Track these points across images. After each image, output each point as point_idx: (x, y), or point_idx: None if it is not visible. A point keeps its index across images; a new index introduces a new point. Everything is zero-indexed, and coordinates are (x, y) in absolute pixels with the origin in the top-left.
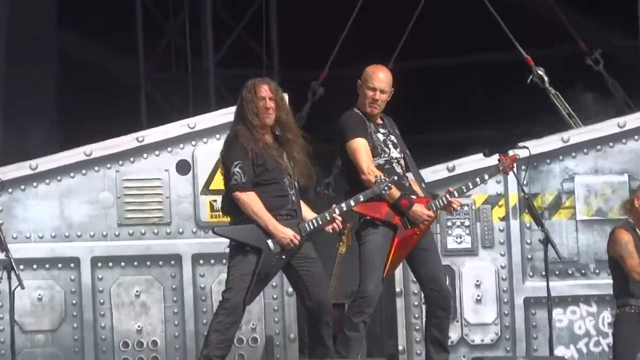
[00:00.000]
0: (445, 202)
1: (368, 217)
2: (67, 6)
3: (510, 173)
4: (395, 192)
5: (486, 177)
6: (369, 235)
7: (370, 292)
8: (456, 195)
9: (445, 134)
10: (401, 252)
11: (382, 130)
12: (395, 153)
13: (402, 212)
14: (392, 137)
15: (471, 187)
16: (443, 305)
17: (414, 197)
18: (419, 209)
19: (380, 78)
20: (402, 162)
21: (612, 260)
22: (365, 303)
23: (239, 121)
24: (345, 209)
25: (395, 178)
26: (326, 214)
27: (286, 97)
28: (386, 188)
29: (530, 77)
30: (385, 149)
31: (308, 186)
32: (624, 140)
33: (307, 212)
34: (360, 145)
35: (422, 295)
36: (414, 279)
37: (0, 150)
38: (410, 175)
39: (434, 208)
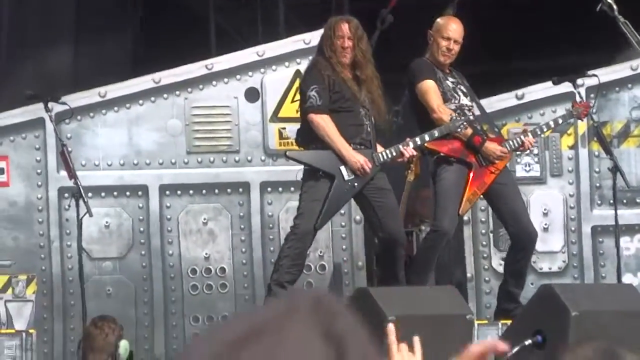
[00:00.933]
0: (520, 143)
1: (442, 154)
2: None
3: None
4: (469, 130)
5: (560, 121)
6: (444, 172)
7: (445, 227)
8: (530, 136)
9: (517, 63)
10: (476, 189)
11: (451, 79)
12: (465, 100)
13: (475, 150)
14: (462, 87)
15: (544, 129)
16: (523, 244)
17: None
18: (492, 146)
19: (454, 28)
20: (473, 110)
21: None
22: (440, 238)
23: (319, 54)
24: (419, 142)
25: (471, 117)
26: (400, 146)
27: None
28: (462, 126)
29: (600, 4)
30: (455, 95)
31: (380, 123)
32: None
33: (379, 148)
34: (430, 86)
35: (490, 223)
36: (482, 207)
37: (73, 76)
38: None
39: (508, 148)
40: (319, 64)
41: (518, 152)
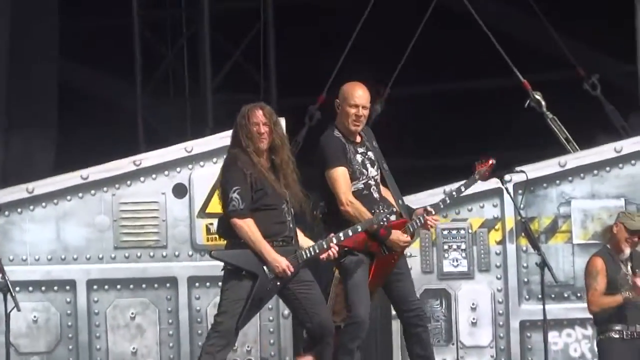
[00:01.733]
0: (423, 221)
1: (345, 249)
2: (68, 33)
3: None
4: (396, 209)
5: (463, 188)
6: (351, 266)
7: (361, 316)
8: (433, 212)
9: (443, 159)
10: (379, 277)
11: (360, 150)
12: (372, 172)
13: (381, 241)
14: (370, 154)
15: (448, 201)
16: (416, 321)
17: (392, 217)
18: (396, 236)
19: (360, 95)
20: (378, 178)
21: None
22: (359, 328)
23: (235, 145)
24: (342, 238)
25: (395, 209)
26: (323, 243)
27: (282, 121)
28: (385, 219)
29: (528, 101)
30: (364, 170)
31: (304, 211)
32: (620, 165)
33: (302, 240)
34: (339, 175)
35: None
36: None
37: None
38: (388, 195)
39: (411, 229)
40: (238, 160)
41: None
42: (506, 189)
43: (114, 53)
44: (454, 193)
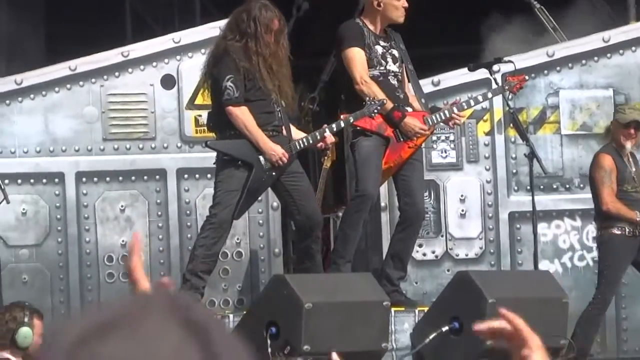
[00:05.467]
0: (447, 116)
1: (358, 128)
2: None
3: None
4: (389, 105)
5: (489, 95)
6: (362, 142)
7: (369, 191)
8: (456, 110)
9: (429, 48)
10: (392, 164)
11: (382, 43)
12: (393, 67)
13: (395, 124)
14: (394, 51)
15: (473, 104)
16: (412, 220)
17: (409, 109)
18: (412, 121)
19: None
20: (399, 76)
21: (594, 182)
22: (365, 201)
23: (233, 37)
24: (335, 129)
25: (385, 101)
26: (316, 133)
27: None
28: (376, 110)
29: None
30: (382, 61)
31: (292, 105)
32: (608, 55)
33: (295, 132)
34: (355, 54)
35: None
36: None
37: None
38: (410, 90)
39: (430, 123)
40: (232, 51)
41: (442, 126)
42: (494, 79)
43: None
44: (479, 97)
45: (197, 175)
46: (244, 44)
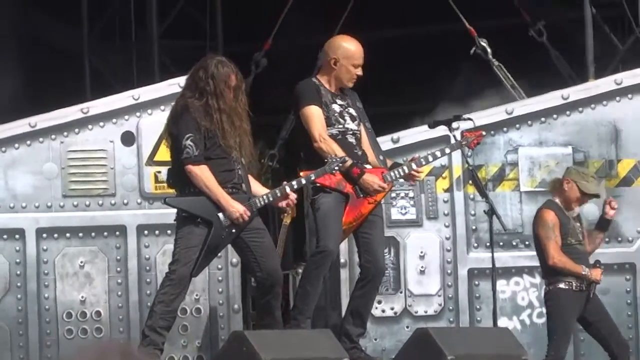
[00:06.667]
0: (406, 172)
1: (318, 184)
2: None
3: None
4: (348, 162)
5: (447, 150)
6: (321, 199)
7: (330, 247)
8: (415, 166)
9: (388, 107)
10: (352, 220)
11: (339, 102)
12: (351, 124)
13: (354, 181)
14: (351, 110)
15: (431, 159)
16: (372, 277)
17: (368, 166)
18: (370, 178)
19: (362, 55)
20: (358, 134)
21: (538, 239)
22: (325, 257)
23: (191, 94)
24: (296, 186)
25: (346, 159)
26: (277, 191)
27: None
28: (337, 167)
29: (474, 48)
30: (340, 119)
31: (252, 161)
32: (567, 112)
33: (256, 187)
34: (313, 113)
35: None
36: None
37: None
38: (368, 148)
39: (389, 179)
40: (192, 109)
41: (402, 182)
42: (454, 136)
43: None
44: (437, 153)
45: (157, 232)
46: (204, 102)
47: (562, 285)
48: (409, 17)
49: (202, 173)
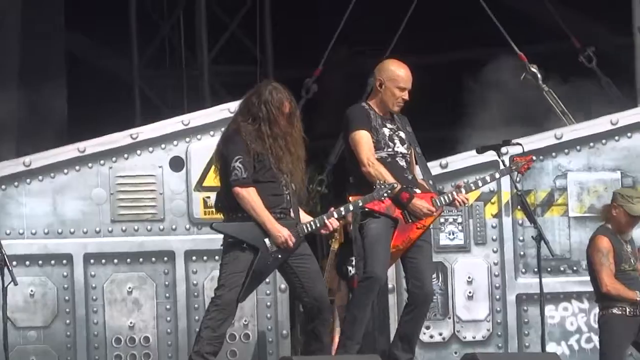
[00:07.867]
0: (452, 198)
1: (367, 209)
2: (71, 7)
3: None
4: (397, 187)
5: (497, 175)
6: (371, 224)
7: (377, 273)
8: (463, 192)
9: (437, 131)
10: (400, 245)
11: (389, 125)
12: (401, 148)
13: (403, 205)
14: (401, 133)
15: (480, 184)
16: (420, 303)
17: (418, 191)
18: (420, 202)
19: (409, 78)
20: (408, 157)
21: (592, 265)
22: (373, 284)
23: (247, 119)
24: (343, 213)
25: (396, 185)
26: (324, 217)
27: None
28: (385, 194)
29: (524, 74)
30: (390, 143)
31: (301, 187)
32: (616, 137)
33: (303, 216)
34: (362, 137)
35: None
36: None
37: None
38: (418, 172)
39: (438, 204)
40: (243, 132)
41: (451, 208)
42: (502, 161)
43: (110, 24)
44: (487, 178)
45: (205, 257)
46: (257, 127)
47: (615, 311)
48: (457, 42)
49: (250, 195)
